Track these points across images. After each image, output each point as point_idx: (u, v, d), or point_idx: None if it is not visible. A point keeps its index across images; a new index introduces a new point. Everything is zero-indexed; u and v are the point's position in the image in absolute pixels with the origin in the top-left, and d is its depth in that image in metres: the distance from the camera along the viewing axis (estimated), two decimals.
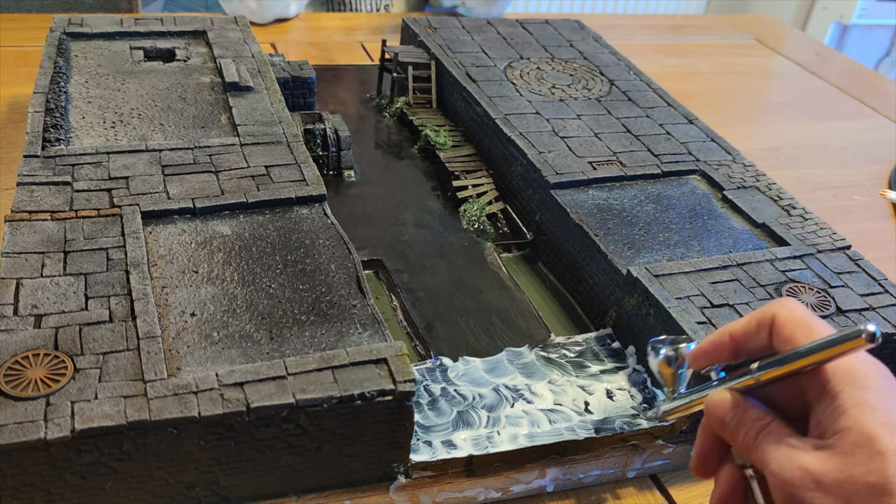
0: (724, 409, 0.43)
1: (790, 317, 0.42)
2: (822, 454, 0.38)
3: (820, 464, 0.38)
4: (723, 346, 0.45)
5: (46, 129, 0.72)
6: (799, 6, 2.73)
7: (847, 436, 0.37)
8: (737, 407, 0.43)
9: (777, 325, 0.42)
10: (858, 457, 0.36)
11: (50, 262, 0.57)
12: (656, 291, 0.62)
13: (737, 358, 0.45)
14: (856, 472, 0.36)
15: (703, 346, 0.47)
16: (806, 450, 0.39)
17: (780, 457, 0.39)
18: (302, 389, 0.49)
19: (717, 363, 0.47)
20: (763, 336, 0.43)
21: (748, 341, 0.44)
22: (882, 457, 0.36)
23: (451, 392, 0.61)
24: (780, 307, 0.43)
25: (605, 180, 0.79)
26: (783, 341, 0.42)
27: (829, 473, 0.37)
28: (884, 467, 0.36)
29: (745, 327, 0.44)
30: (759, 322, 0.43)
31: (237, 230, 0.64)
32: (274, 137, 0.76)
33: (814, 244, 0.71)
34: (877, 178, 1.12)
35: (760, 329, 0.43)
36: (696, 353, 0.47)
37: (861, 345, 0.37)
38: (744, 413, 0.42)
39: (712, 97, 1.32)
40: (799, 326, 0.41)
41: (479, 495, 0.58)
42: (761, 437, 0.41)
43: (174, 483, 0.49)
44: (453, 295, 0.74)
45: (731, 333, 0.45)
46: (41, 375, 0.48)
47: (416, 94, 1.03)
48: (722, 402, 0.43)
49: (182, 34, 0.96)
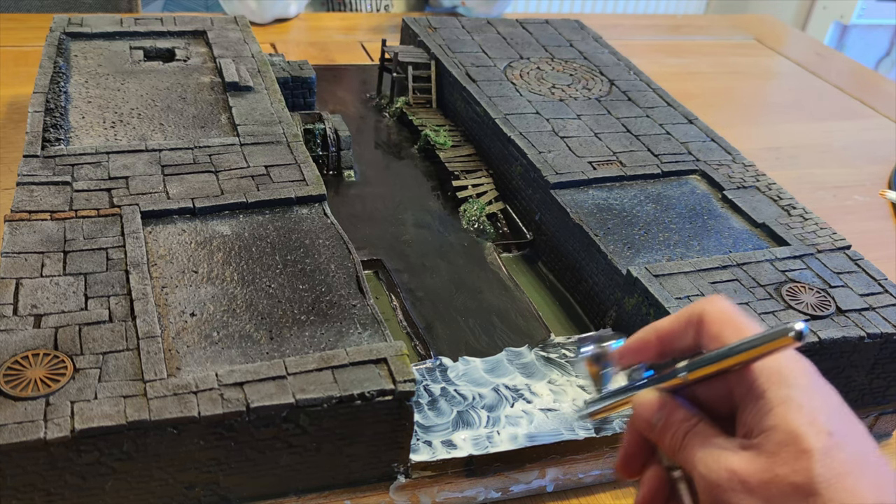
0: (651, 409, 0.42)
1: (718, 314, 0.41)
2: (748, 454, 0.37)
3: (746, 464, 0.36)
4: (649, 344, 0.44)
5: (46, 129, 0.72)
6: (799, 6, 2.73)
7: (773, 435, 0.36)
8: (663, 407, 0.41)
9: (705, 322, 0.41)
10: (784, 456, 0.35)
11: (50, 262, 0.57)
12: (656, 291, 0.62)
13: (664, 356, 0.44)
14: (781, 471, 0.35)
15: (629, 343, 0.45)
16: (732, 450, 0.37)
17: (706, 458, 0.38)
18: (302, 389, 0.49)
19: (643, 361, 0.45)
20: (691, 334, 0.42)
21: (675, 339, 0.43)
22: (807, 456, 0.35)
23: (451, 392, 0.61)
24: (708, 305, 0.41)
25: (605, 180, 0.79)
26: (711, 339, 0.41)
27: (754, 474, 0.36)
28: (809, 466, 0.35)
29: (672, 325, 0.43)
30: (688, 320, 0.42)
31: (237, 230, 0.64)
32: (274, 137, 0.76)
33: (814, 244, 0.71)
34: (877, 178, 1.12)
35: (688, 327, 0.42)
36: (622, 351, 0.46)
37: (789, 343, 0.36)
38: (671, 414, 0.41)
39: (712, 97, 1.32)
40: (727, 324, 0.40)
41: (479, 495, 0.58)
42: (688, 438, 0.40)
43: (174, 483, 0.49)
44: (453, 295, 0.74)
45: (657, 331, 0.43)
46: (41, 375, 0.48)
47: (416, 94, 1.03)
48: (649, 403, 0.42)
49: (182, 34, 0.96)
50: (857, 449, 0.36)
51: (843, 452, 0.35)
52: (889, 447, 0.68)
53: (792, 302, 0.62)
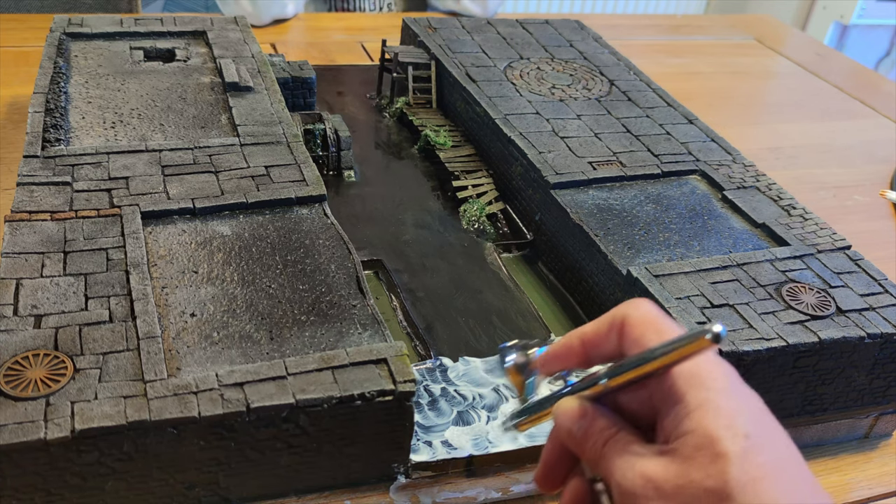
0: (572, 418, 0.40)
1: (640, 318, 0.40)
2: (663, 460, 0.36)
3: (661, 470, 0.35)
4: (572, 350, 0.42)
5: (46, 130, 0.72)
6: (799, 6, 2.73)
7: (689, 439, 0.35)
8: (584, 416, 0.40)
9: (627, 326, 0.40)
10: (699, 460, 0.34)
11: (50, 263, 0.57)
12: (656, 292, 0.62)
13: (588, 363, 0.43)
14: (696, 476, 0.34)
15: (552, 350, 0.44)
16: (649, 456, 0.36)
17: (623, 465, 0.37)
18: (302, 390, 0.49)
19: (567, 369, 0.44)
20: (614, 339, 0.41)
21: (599, 345, 0.41)
22: (723, 459, 0.33)
23: (451, 392, 0.61)
24: (631, 308, 0.40)
25: (605, 180, 0.79)
26: (633, 343, 0.39)
27: (669, 480, 0.35)
28: (724, 470, 0.33)
29: (595, 330, 0.41)
30: (610, 324, 0.41)
31: (237, 230, 0.64)
32: (274, 138, 0.76)
33: (814, 244, 0.71)
34: (877, 178, 1.12)
35: (611, 331, 0.41)
36: (545, 358, 0.44)
37: (706, 346, 0.35)
38: (591, 423, 0.40)
39: (712, 97, 1.32)
40: (649, 327, 0.39)
41: (479, 495, 0.58)
42: (608, 446, 0.38)
43: (174, 483, 0.49)
44: (453, 295, 0.74)
45: (581, 337, 0.42)
46: (41, 375, 0.48)
47: (416, 94, 1.03)
48: (569, 411, 0.41)
49: (182, 34, 0.96)
50: (775, 453, 0.35)
51: (760, 456, 0.34)
52: (889, 447, 0.68)
53: (792, 302, 0.62)
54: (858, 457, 0.67)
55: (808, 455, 0.66)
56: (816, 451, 0.67)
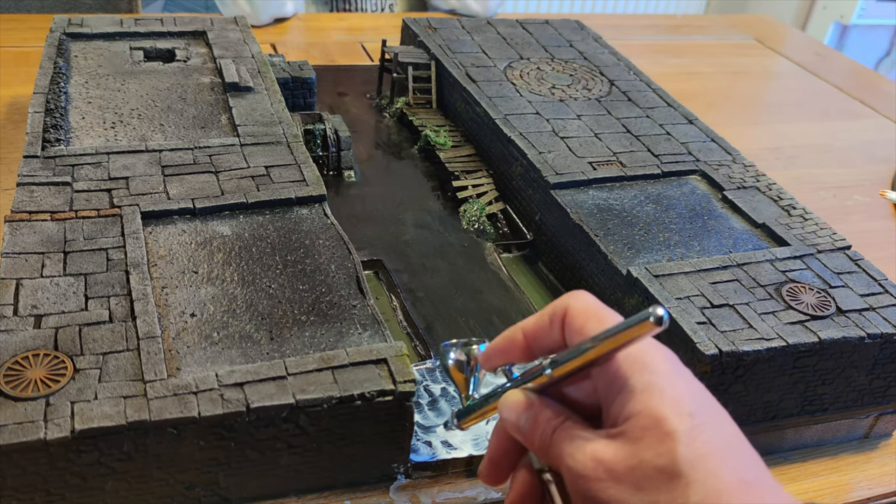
0: (518, 410, 0.41)
1: (581, 308, 0.40)
2: (613, 442, 0.36)
3: (612, 452, 0.36)
4: (515, 343, 0.43)
5: (46, 130, 0.72)
6: (799, 6, 2.73)
7: (636, 420, 0.36)
8: (530, 407, 0.40)
9: (568, 317, 0.40)
10: (648, 441, 0.35)
11: (50, 263, 0.58)
12: (656, 292, 0.62)
13: (532, 356, 0.43)
14: (646, 455, 0.35)
15: (494, 344, 0.44)
16: (598, 440, 0.37)
17: (573, 450, 0.37)
18: (302, 390, 0.49)
19: (510, 363, 0.44)
20: (556, 330, 0.41)
21: (542, 337, 0.42)
22: (671, 438, 0.34)
23: (452, 392, 0.61)
24: (572, 299, 0.41)
25: (605, 180, 0.79)
26: (575, 333, 0.40)
27: (620, 461, 0.35)
28: (672, 448, 0.34)
29: (537, 322, 0.42)
30: (552, 316, 0.41)
31: (237, 230, 0.64)
32: (274, 138, 0.76)
33: (814, 244, 0.71)
34: (877, 178, 1.12)
35: (553, 323, 0.41)
36: (487, 353, 0.44)
37: (649, 329, 0.35)
38: (538, 413, 0.40)
39: (712, 97, 1.32)
40: (590, 317, 0.39)
41: (479, 495, 0.58)
42: (556, 434, 0.39)
43: (174, 483, 0.49)
44: (453, 295, 0.74)
45: (523, 330, 0.42)
46: (41, 376, 0.48)
47: (416, 95, 1.03)
48: (515, 403, 0.41)
49: (182, 34, 0.96)
50: (719, 430, 0.36)
51: (705, 434, 0.35)
52: (889, 447, 0.68)
53: (792, 302, 0.62)
54: (858, 457, 0.67)
55: (808, 455, 0.66)
56: (816, 451, 0.67)
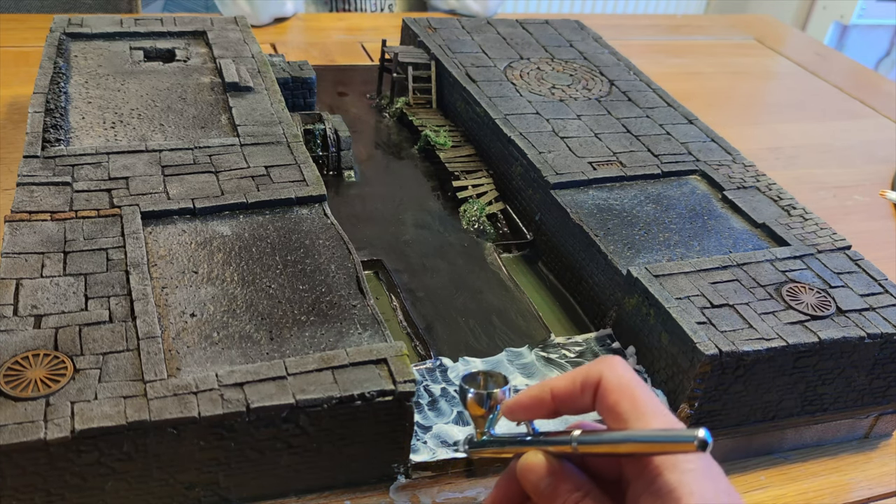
0: (539, 474, 0.41)
1: (616, 382, 0.40)
2: None
3: None
4: (543, 403, 0.43)
5: (46, 130, 0.72)
6: (799, 6, 2.73)
7: None
8: (553, 474, 0.41)
9: (602, 388, 0.41)
10: None
11: (50, 263, 0.57)
12: (656, 292, 0.62)
13: (556, 415, 0.43)
14: None
15: (521, 399, 0.44)
16: None
17: None
18: (302, 390, 0.49)
19: (534, 419, 0.44)
20: (587, 397, 0.41)
21: (570, 401, 0.42)
22: None
23: (451, 392, 0.61)
24: (607, 369, 0.41)
25: (605, 180, 0.79)
26: (606, 409, 0.40)
27: None
28: None
29: (568, 386, 0.42)
30: (584, 383, 0.41)
31: (237, 230, 0.64)
32: (274, 138, 0.76)
33: (814, 244, 0.71)
34: (877, 178, 1.12)
35: (585, 390, 0.41)
36: (512, 407, 0.45)
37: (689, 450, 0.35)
38: (560, 481, 0.41)
39: (712, 97, 1.32)
40: (624, 395, 0.40)
41: (480, 495, 0.58)
42: None
43: (174, 483, 0.49)
44: (453, 295, 0.74)
45: (553, 391, 0.43)
46: (41, 376, 0.48)
47: (416, 95, 1.03)
48: (537, 467, 0.41)
49: (182, 34, 0.96)
50: None
51: None
52: (889, 447, 0.68)
53: (792, 302, 0.62)
54: (858, 457, 0.67)
55: (808, 455, 0.66)
56: (816, 451, 0.67)
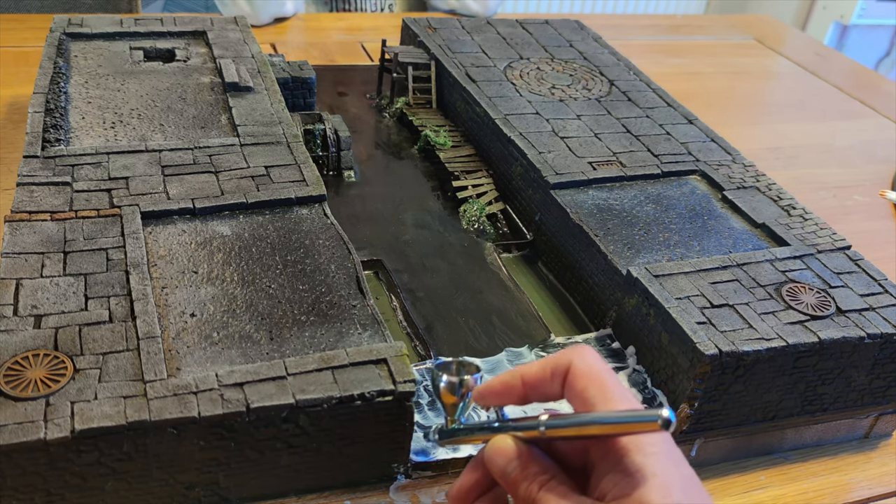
0: (507, 457, 0.42)
1: (585, 369, 0.41)
2: None
3: None
4: (513, 389, 0.44)
5: (46, 130, 0.72)
6: (799, 6, 2.73)
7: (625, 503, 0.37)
8: (519, 457, 0.42)
9: (571, 375, 0.42)
10: None
11: (50, 263, 0.57)
12: (656, 292, 0.62)
13: (526, 402, 0.44)
14: None
15: (492, 385, 0.45)
16: None
17: None
18: (302, 390, 0.49)
19: (504, 405, 0.45)
20: (556, 384, 0.42)
21: (540, 387, 0.43)
22: None
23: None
24: (576, 357, 0.42)
25: (605, 180, 0.79)
26: (575, 395, 0.41)
27: None
28: None
29: (539, 373, 0.43)
30: (554, 370, 0.42)
31: (237, 230, 0.64)
32: (274, 138, 0.76)
33: (814, 244, 0.71)
34: (877, 178, 1.12)
35: (554, 377, 0.42)
36: (483, 392, 0.46)
37: (654, 429, 0.36)
38: (526, 465, 0.41)
39: (712, 97, 1.32)
40: (592, 381, 0.41)
41: None
42: (542, 493, 0.40)
43: (174, 483, 0.49)
44: (453, 295, 0.74)
45: (523, 377, 0.44)
46: (41, 376, 0.48)
47: (416, 95, 1.03)
48: (505, 450, 0.42)
49: (182, 34, 0.96)
50: None
51: None
52: (889, 447, 0.68)
53: (792, 302, 0.62)
54: (858, 457, 0.67)
55: (808, 455, 0.66)
56: (816, 451, 0.67)
